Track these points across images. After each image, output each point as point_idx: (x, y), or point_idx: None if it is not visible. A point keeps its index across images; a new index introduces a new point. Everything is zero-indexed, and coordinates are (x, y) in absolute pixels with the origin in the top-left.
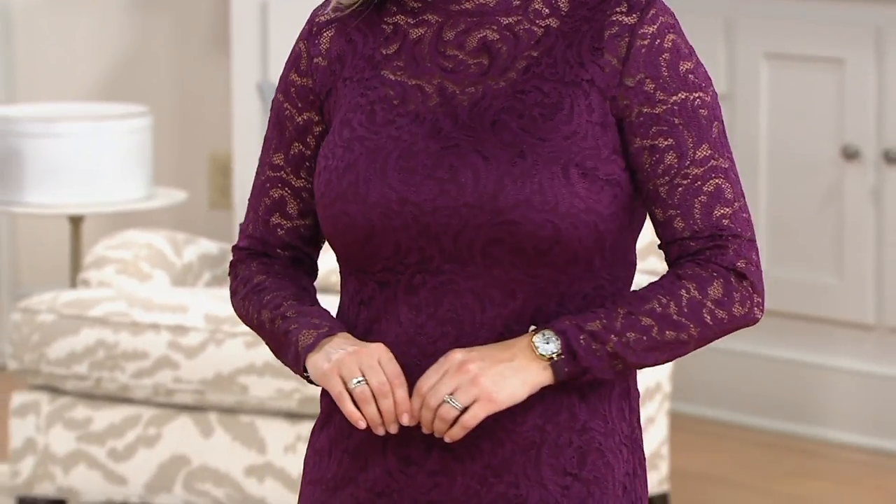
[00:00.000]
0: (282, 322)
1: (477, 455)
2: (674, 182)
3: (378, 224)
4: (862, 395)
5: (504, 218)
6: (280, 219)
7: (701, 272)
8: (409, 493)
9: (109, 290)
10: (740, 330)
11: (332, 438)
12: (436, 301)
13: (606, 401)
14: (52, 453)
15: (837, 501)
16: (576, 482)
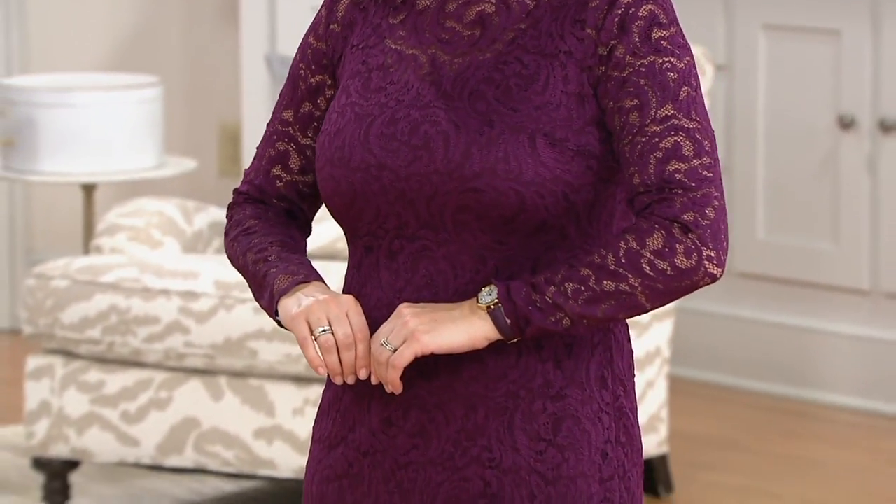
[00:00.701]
0: (263, 265)
1: (451, 419)
2: (635, 140)
3: (359, 188)
4: (857, 359)
5: (470, 185)
6: (281, 171)
7: (642, 224)
8: (390, 454)
9: (121, 257)
10: (737, 294)
11: (330, 399)
12: (413, 266)
13: (584, 369)
14: (66, 415)
15: (833, 462)
16: (550, 447)
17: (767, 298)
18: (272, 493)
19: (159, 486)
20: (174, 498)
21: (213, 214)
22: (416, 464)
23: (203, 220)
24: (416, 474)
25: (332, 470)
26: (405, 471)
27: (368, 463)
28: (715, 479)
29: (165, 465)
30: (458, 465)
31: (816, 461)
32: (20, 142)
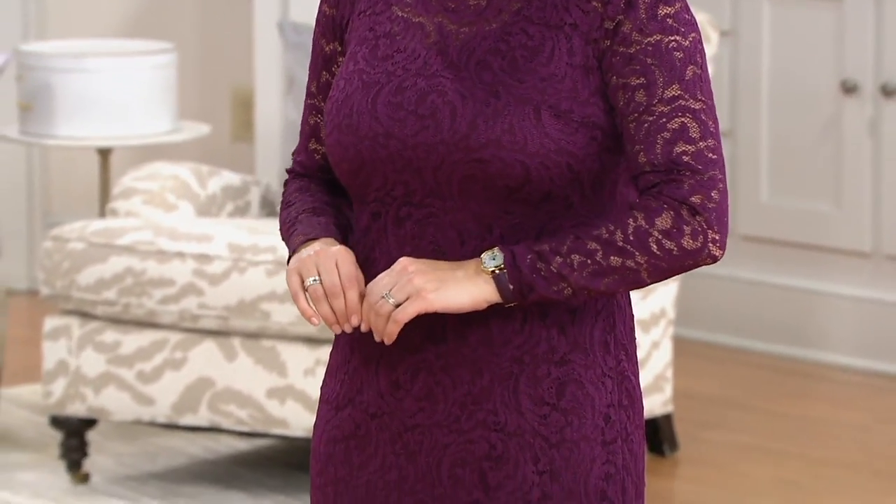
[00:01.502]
0: (293, 229)
1: (458, 383)
2: (641, 119)
3: (367, 156)
4: (858, 320)
5: (476, 156)
6: (316, 144)
7: (651, 203)
8: (398, 416)
9: (137, 220)
10: (741, 257)
11: (338, 361)
12: (420, 233)
13: (588, 334)
14: (82, 375)
15: (835, 421)
16: (554, 412)
17: (771, 260)
18: (285, 451)
19: (174, 444)
20: (189, 455)
21: (227, 178)
22: (422, 426)
23: (216, 184)
24: (422, 437)
25: (339, 430)
26: (412, 433)
27: (376, 425)
28: (719, 438)
29: (180, 423)
30: (464, 428)
31: (818, 420)
32: (37, 106)
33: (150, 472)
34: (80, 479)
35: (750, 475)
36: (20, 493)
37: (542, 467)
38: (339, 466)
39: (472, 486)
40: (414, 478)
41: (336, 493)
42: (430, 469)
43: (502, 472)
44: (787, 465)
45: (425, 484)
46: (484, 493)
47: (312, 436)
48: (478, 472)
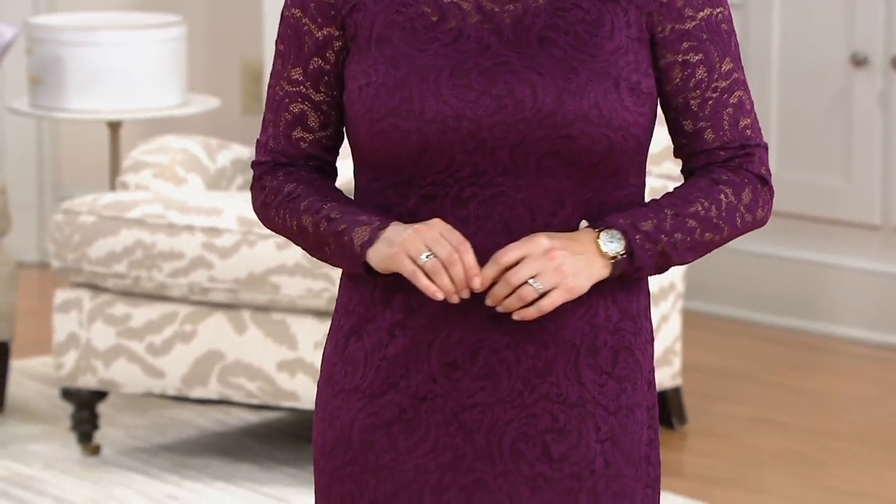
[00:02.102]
0: (328, 224)
1: (523, 358)
2: (705, 95)
3: (434, 139)
4: (867, 293)
5: (562, 133)
6: (302, 132)
7: (735, 178)
8: (453, 397)
9: (146, 193)
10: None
11: (367, 348)
12: (486, 213)
13: (634, 301)
14: (93, 347)
15: (843, 393)
16: (610, 380)
17: (780, 233)
18: (295, 423)
19: (185, 416)
20: (199, 428)
21: (236, 152)
22: (482, 405)
23: (226, 157)
24: (481, 415)
25: (379, 417)
26: (470, 412)
27: (426, 408)
28: (727, 411)
29: (190, 396)
30: (526, 403)
31: (826, 392)
32: (47, 79)
33: (160, 444)
34: (91, 451)
35: (758, 447)
36: (31, 464)
37: (602, 436)
38: (382, 453)
39: (536, 460)
40: (472, 457)
41: (379, 480)
42: (491, 446)
43: (566, 444)
44: (795, 437)
45: (484, 462)
46: (548, 466)
47: (325, 427)
48: (541, 445)
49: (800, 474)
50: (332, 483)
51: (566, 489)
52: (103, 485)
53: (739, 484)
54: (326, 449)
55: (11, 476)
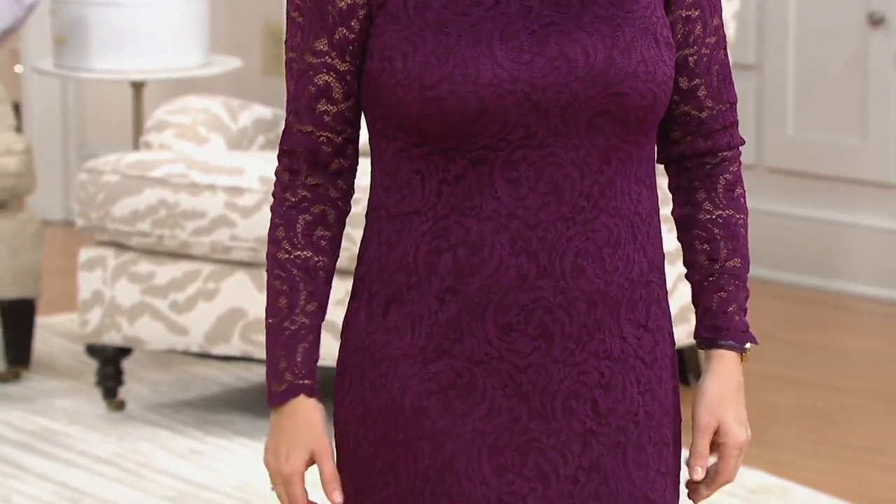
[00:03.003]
0: (279, 329)
1: (575, 317)
2: (701, 52)
3: (490, 102)
4: (883, 251)
5: (614, 90)
6: (326, 104)
7: (737, 165)
8: (509, 359)
9: (169, 153)
10: (767, 189)
11: (413, 315)
12: (537, 174)
13: (659, 254)
14: (117, 305)
15: (858, 350)
16: (645, 332)
17: (796, 193)
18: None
19: (208, 372)
20: (222, 384)
21: (258, 112)
22: (536, 365)
23: (248, 117)
24: (536, 375)
25: (434, 383)
26: (525, 374)
27: (482, 371)
28: (744, 368)
29: (213, 353)
30: (577, 361)
31: (842, 350)
32: (71, 40)
33: (183, 400)
34: (116, 407)
35: (775, 403)
36: (57, 419)
37: (643, 388)
38: (438, 419)
39: (585, 416)
40: (527, 417)
41: (435, 445)
42: (545, 406)
43: (612, 398)
44: (810, 394)
45: (539, 421)
46: (596, 421)
47: (368, 396)
48: (590, 401)
49: (815, 430)
50: (378, 451)
51: (614, 443)
52: (128, 439)
53: (755, 440)
54: (370, 417)
55: (38, 430)
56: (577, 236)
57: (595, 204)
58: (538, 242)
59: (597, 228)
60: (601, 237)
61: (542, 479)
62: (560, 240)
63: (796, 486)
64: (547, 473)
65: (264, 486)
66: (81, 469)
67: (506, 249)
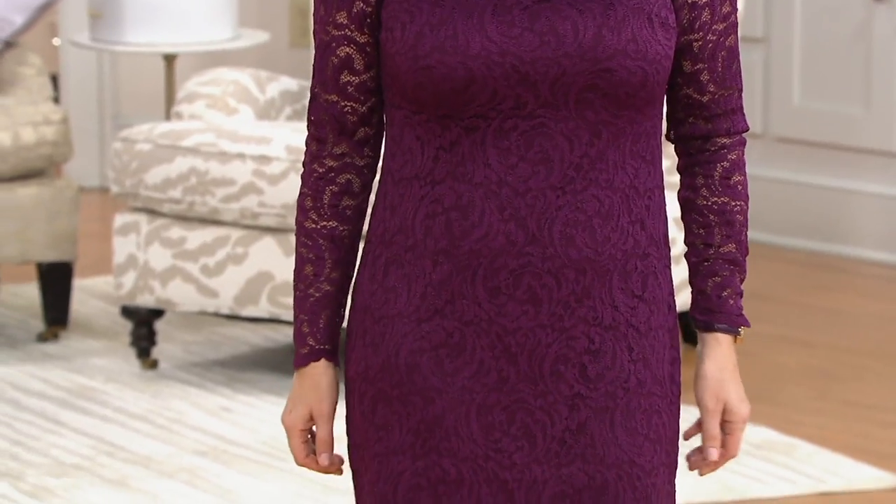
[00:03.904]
0: (304, 296)
1: (563, 283)
2: (706, 38)
3: (478, 73)
4: (885, 217)
5: (602, 66)
6: (349, 76)
7: (737, 153)
8: (498, 322)
9: (200, 123)
10: (774, 157)
11: (409, 275)
12: (527, 143)
13: (658, 228)
14: (150, 268)
15: (862, 311)
16: (640, 303)
17: (802, 161)
18: (340, 340)
19: (237, 333)
20: (251, 344)
21: (285, 83)
22: (525, 329)
23: (275, 88)
24: (524, 339)
25: (425, 341)
26: (513, 336)
27: (471, 332)
28: (751, 330)
29: (242, 314)
30: (565, 326)
31: (846, 311)
32: (107, 14)
33: (214, 359)
34: (149, 366)
35: (781, 363)
36: (94, 377)
37: (635, 356)
38: (429, 375)
39: (574, 380)
40: (515, 378)
41: (426, 401)
42: (532, 368)
43: (601, 364)
44: (815, 354)
45: (527, 383)
46: (584, 385)
47: (368, 353)
48: (578, 366)
49: (820, 388)
50: (376, 406)
51: (602, 407)
52: (161, 397)
53: (763, 398)
54: (370, 374)
55: (75, 388)
56: (567, 206)
57: (585, 175)
58: (527, 209)
59: (587, 199)
60: (591, 208)
61: (529, 438)
62: (549, 208)
63: (802, 442)
64: (534, 433)
65: None
66: (117, 424)
67: (495, 215)
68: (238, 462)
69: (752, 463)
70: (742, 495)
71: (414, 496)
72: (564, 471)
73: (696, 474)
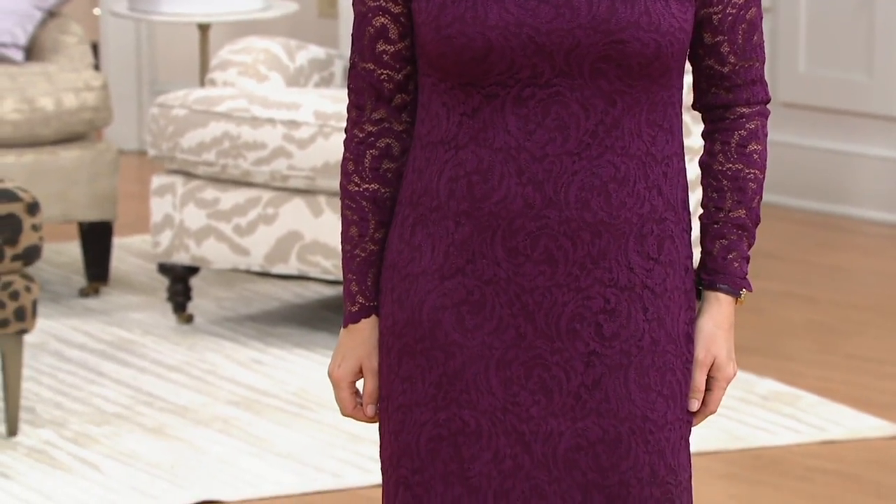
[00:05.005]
0: (351, 256)
1: (579, 245)
2: (726, 11)
3: (496, 43)
4: (887, 178)
5: (615, 38)
6: (384, 45)
7: (757, 123)
8: (516, 281)
9: (232, 89)
10: (781, 122)
11: (433, 235)
12: (544, 111)
13: (676, 194)
14: (186, 228)
15: (864, 268)
16: (656, 265)
17: (807, 125)
18: None
19: (268, 290)
20: (281, 300)
21: (313, 52)
22: (542, 288)
23: (304, 56)
24: (541, 297)
25: (448, 298)
26: (531, 295)
27: (491, 290)
28: (758, 286)
29: (273, 272)
30: (582, 286)
31: (847, 269)
32: None
33: (246, 314)
34: (185, 320)
35: (786, 318)
36: (132, 330)
37: (650, 316)
38: (451, 331)
39: (589, 338)
40: (533, 335)
41: (447, 356)
42: (549, 326)
43: (616, 323)
44: (818, 310)
45: (544, 340)
46: (600, 343)
47: (395, 308)
48: (594, 325)
49: (823, 343)
50: (401, 360)
51: (616, 364)
52: (196, 350)
53: (768, 352)
54: (397, 329)
55: (115, 340)
56: (582, 171)
57: (601, 142)
58: (544, 174)
59: (602, 165)
60: (606, 173)
61: (546, 392)
62: (565, 173)
63: (806, 394)
64: (550, 388)
65: (319, 393)
66: (154, 375)
67: (514, 179)
68: (269, 412)
69: (759, 413)
70: (749, 444)
71: (435, 446)
72: (580, 424)
73: (704, 424)
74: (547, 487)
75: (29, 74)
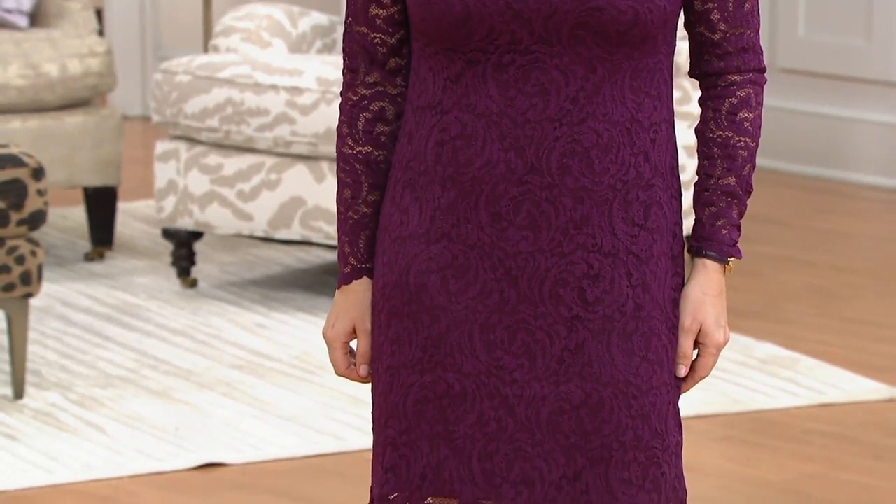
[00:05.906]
0: (344, 218)
1: (562, 210)
2: None
3: (474, 9)
4: (884, 143)
5: (591, 5)
6: (377, 9)
7: (750, 91)
8: (500, 246)
9: (236, 56)
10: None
11: (421, 199)
12: (524, 77)
13: (664, 161)
14: (190, 193)
15: (860, 234)
16: (642, 231)
17: (807, 91)
18: None
19: (271, 255)
20: (284, 265)
21: (316, 18)
22: (525, 253)
23: (307, 23)
24: (525, 262)
25: (434, 262)
26: (514, 260)
27: (475, 254)
28: (757, 250)
29: (276, 237)
30: (565, 252)
31: (845, 233)
32: None
33: (249, 279)
34: (189, 284)
35: (784, 283)
36: (137, 295)
37: (634, 282)
38: (436, 294)
39: (573, 303)
40: (516, 300)
41: (432, 319)
42: (533, 291)
43: (600, 288)
44: (816, 274)
45: (528, 305)
46: (583, 308)
47: (385, 271)
48: (577, 290)
49: (821, 306)
50: (390, 321)
51: (599, 329)
52: (200, 314)
53: (767, 316)
54: (386, 291)
55: (120, 304)
56: (564, 137)
57: (582, 108)
58: (526, 140)
59: (584, 132)
60: (588, 140)
61: (529, 356)
62: (546, 139)
63: (804, 357)
64: (534, 352)
65: (322, 357)
66: (158, 339)
67: (496, 144)
68: (272, 375)
69: (757, 376)
70: (747, 407)
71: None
72: (563, 388)
73: (703, 387)
74: (530, 450)
75: (33, 40)
